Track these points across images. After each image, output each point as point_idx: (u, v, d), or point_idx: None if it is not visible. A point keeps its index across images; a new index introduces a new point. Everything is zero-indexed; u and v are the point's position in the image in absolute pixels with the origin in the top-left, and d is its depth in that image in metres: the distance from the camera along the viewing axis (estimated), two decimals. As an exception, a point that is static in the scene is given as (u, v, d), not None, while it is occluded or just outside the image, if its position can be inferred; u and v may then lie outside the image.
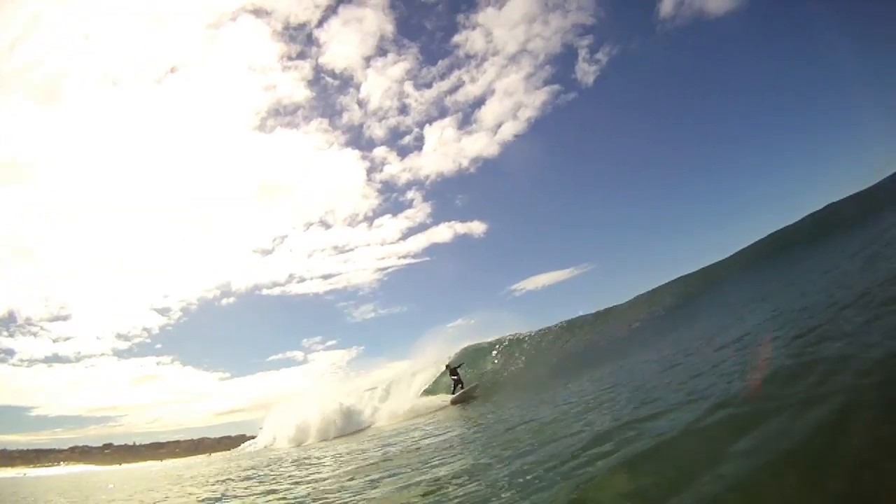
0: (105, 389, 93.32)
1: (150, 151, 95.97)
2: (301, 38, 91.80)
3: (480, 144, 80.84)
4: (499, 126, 79.08)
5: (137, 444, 74.34)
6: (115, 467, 48.36)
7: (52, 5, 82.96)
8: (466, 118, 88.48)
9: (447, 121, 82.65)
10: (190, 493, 8.24)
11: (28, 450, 73.05)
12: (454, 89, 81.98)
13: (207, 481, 9.81)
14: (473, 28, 78.39)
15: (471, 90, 79.56)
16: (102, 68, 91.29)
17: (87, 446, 73.79)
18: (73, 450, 73.36)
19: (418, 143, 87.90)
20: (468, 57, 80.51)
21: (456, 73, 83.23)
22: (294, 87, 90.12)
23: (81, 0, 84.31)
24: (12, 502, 12.73)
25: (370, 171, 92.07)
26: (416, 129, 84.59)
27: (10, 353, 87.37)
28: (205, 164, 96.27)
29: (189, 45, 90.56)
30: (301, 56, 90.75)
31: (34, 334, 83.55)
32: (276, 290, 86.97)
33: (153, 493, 9.37)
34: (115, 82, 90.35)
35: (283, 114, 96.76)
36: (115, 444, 73.55)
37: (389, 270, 79.38)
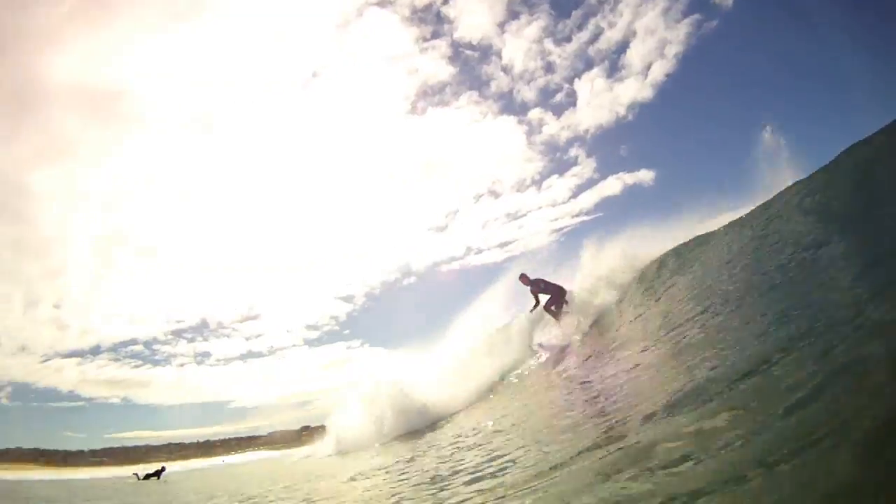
0: (299, 377, 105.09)
1: (314, 152, 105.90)
2: (431, 19, 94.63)
3: (633, 90, 75.90)
4: (648, 68, 73.57)
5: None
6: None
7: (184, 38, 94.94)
8: (614, 65, 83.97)
9: (595, 71, 78.62)
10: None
11: (228, 439, 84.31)
12: (594, 38, 77.56)
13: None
14: (598, -30, 73.05)
15: (611, 36, 74.85)
16: (246, 82, 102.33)
17: (285, 430, 77.92)
18: (271, 435, 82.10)
19: (571, 99, 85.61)
20: (600, 2, 75.59)
21: (592, 21, 78.31)
22: (436, 66, 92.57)
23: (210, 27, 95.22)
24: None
25: (529, 134, 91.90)
26: (565, 85, 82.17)
27: (206, 355, 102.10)
28: (369, 155, 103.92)
29: (323, 49, 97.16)
30: (435, 35, 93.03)
31: (227, 336, 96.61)
32: (455, 265, 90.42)
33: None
34: (265, 91, 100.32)
35: (432, 94, 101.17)
36: (312, 426, 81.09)
37: (565, 230, 77.97)
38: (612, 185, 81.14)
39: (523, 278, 11.96)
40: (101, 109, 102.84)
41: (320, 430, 16.49)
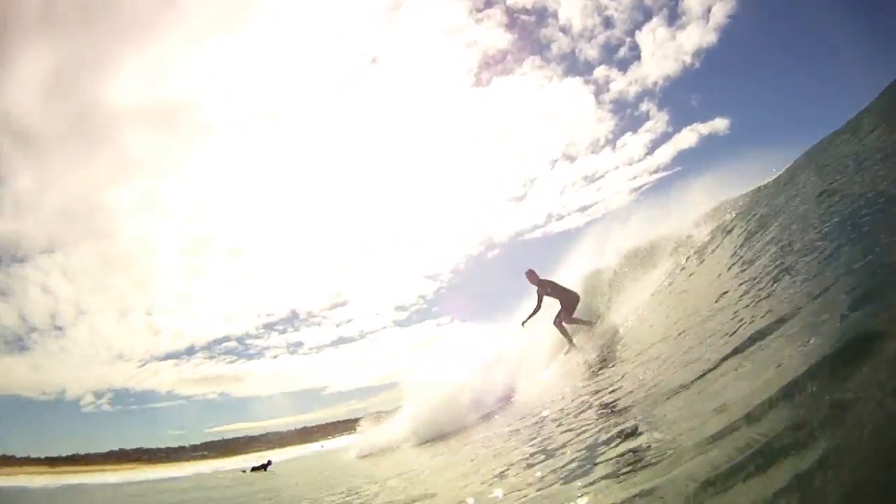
0: (390, 358, 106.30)
1: (384, 136, 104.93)
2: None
3: (696, 36, 71.84)
4: (708, 11, 68.41)
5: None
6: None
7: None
8: (673, 13, 79.44)
9: (655, 21, 74.98)
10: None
11: (326, 423, 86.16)
12: (649, -14, 71.89)
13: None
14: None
15: (665, -19, 69.06)
16: (306, 77, 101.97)
17: (379, 412, 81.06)
18: (368, 417, 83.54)
19: (634, 53, 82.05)
20: (648, -51, 69.55)
21: (644, -31, 72.16)
22: (494, 35, 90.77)
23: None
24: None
25: (597, 93, 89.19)
26: (627, 39, 78.78)
27: (298, 345, 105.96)
28: (439, 132, 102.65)
29: (378, 34, 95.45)
30: (488, 4, 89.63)
31: (318, 324, 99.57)
32: (538, 233, 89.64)
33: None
34: (326, 83, 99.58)
35: (493, 63, 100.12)
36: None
37: (644, 188, 75.85)
38: (688, 138, 75.76)
39: (531, 276, 9.69)
40: (167, 123, 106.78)
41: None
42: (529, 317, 9.52)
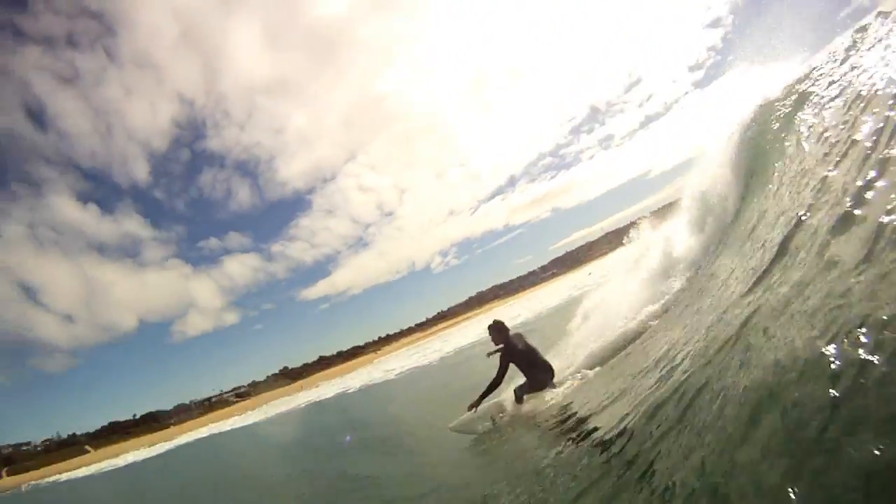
0: (701, 125, 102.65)
1: None
2: None
3: None
4: None
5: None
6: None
7: None
8: None
9: None
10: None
11: (660, 207, 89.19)
12: None
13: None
14: None
15: None
16: None
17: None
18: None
19: None
20: None
21: None
22: None
23: None
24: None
25: None
26: None
27: (609, 138, 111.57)
28: None
29: None
30: None
31: (621, 111, 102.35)
32: None
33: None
34: None
35: None
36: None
37: None
38: None
39: (497, 332, 6.46)
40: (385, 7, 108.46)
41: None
42: (484, 395, 6.25)
